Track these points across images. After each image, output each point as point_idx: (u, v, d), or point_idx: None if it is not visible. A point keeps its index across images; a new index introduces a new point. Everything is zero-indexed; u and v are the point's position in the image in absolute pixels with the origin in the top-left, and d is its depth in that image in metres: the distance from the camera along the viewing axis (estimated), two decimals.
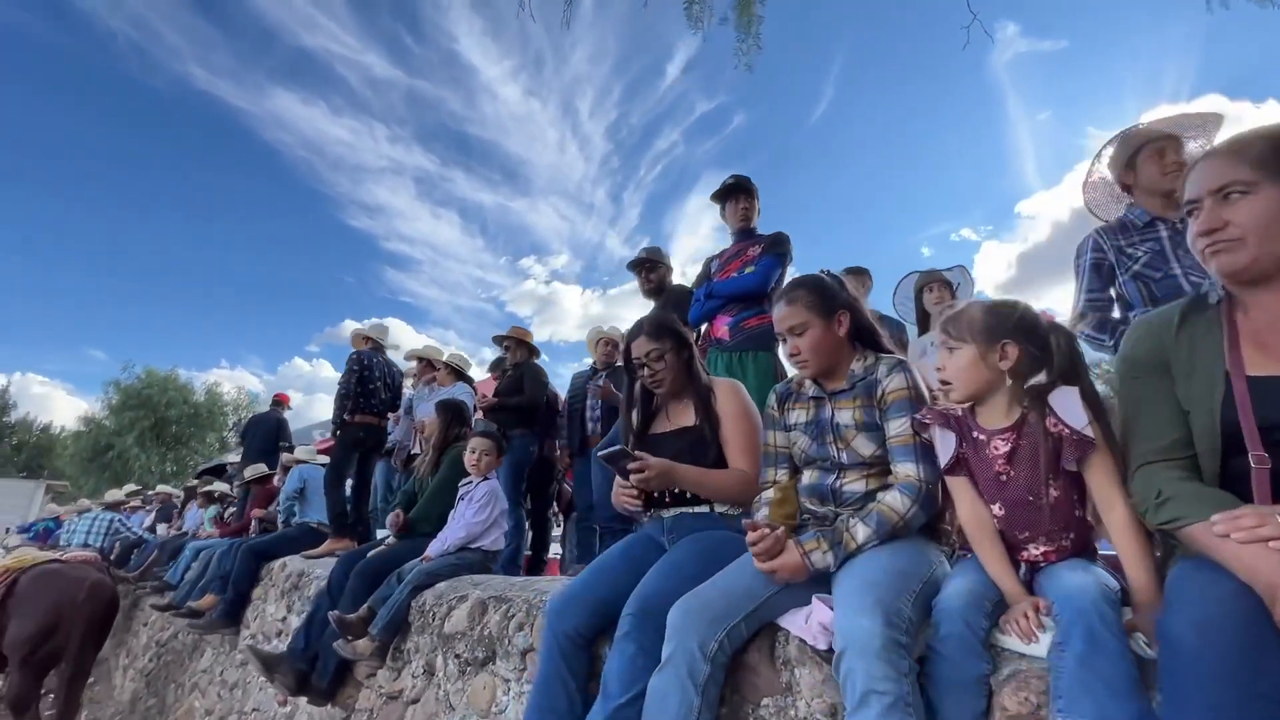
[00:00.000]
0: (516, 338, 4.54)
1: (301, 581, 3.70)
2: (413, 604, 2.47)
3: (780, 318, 1.53)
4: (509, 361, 4.57)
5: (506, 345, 4.59)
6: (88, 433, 23.77)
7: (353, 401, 4.57)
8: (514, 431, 4.13)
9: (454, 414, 3.25)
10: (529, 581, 2.24)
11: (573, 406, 4.46)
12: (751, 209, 2.89)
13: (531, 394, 4.24)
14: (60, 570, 4.79)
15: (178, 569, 6.81)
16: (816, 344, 1.48)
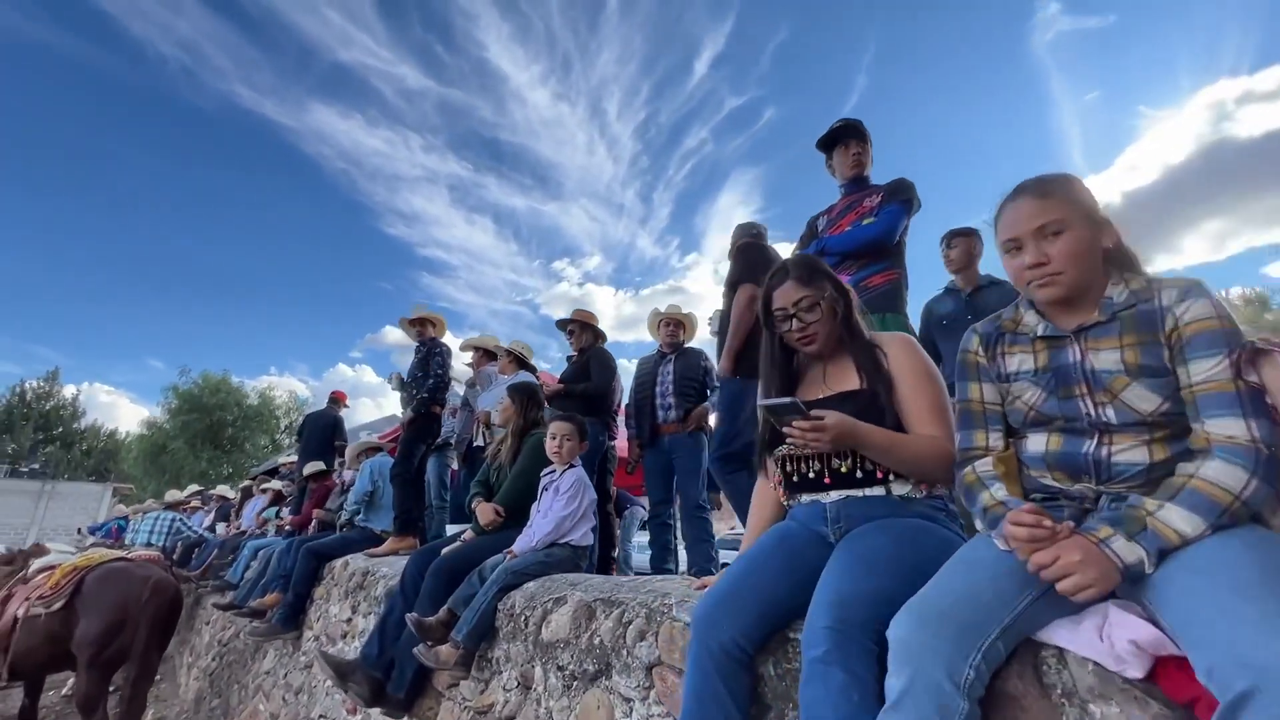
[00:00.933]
0: (581, 321, 4.25)
1: (366, 581, 3.48)
2: (499, 606, 2.19)
3: (1026, 214, 1.13)
4: (574, 346, 4.28)
5: (570, 330, 4.30)
6: (149, 436, 24.76)
7: (430, 394, 4.35)
8: (588, 419, 3.85)
9: (529, 396, 2.97)
10: (640, 581, 1.92)
11: (640, 394, 4.15)
12: (865, 155, 2.52)
13: (599, 379, 3.95)
14: (125, 568, 4.72)
15: (238, 567, 6.79)
16: (1077, 251, 1.09)
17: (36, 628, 4.48)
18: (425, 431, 4.33)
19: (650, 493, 4.05)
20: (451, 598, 2.30)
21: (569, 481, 2.42)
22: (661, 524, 3.99)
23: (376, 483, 4.63)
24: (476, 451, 4.34)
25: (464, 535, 2.65)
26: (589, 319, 4.27)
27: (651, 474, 4.01)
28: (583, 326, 4.26)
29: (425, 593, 2.41)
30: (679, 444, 3.94)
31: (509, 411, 2.86)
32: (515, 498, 2.68)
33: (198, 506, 10.91)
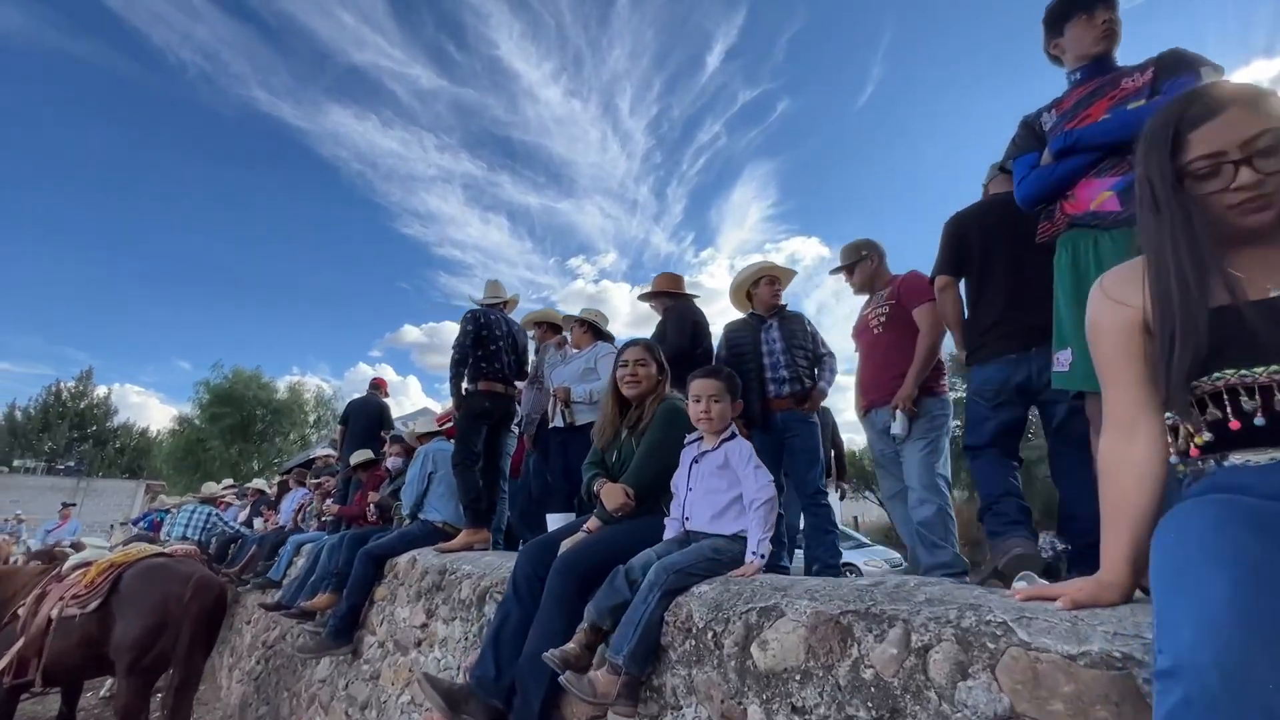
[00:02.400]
0: (656, 290, 3.66)
1: (445, 581, 2.97)
2: (666, 617, 1.64)
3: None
4: (659, 310, 3.71)
5: (653, 306, 3.75)
6: (181, 432, 24.87)
7: (472, 366, 3.83)
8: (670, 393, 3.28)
9: (652, 351, 2.41)
10: (881, 584, 1.35)
11: (739, 367, 3.58)
12: (1116, 25, 1.92)
13: (676, 339, 3.35)
14: (165, 564, 4.29)
15: (280, 565, 6.38)
16: None
17: (71, 630, 4.06)
18: (476, 410, 3.81)
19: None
20: (593, 607, 1.76)
21: (741, 454, 1.86)
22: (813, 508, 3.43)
23: (430, 472, 4.12)
24: (552, 434, 3.80)
25: (587, 525, 2.11)
26: (668, 285, 3.68)
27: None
28: (654, 297, 3.68)
29: (553, 599, 1.87)
30: (794, 422, 3.37)
31: (642, 373, 2.30)
32: (649, 477, 2.13)
33: (230, 502, 10.59)
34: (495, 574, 2.56)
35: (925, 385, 2.82)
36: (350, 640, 3.62)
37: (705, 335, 3.56)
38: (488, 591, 2.51)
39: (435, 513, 4.02)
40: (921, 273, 3.06)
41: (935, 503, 2.58)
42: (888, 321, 3.01)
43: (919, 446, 2.72)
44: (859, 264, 3.27)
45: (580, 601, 1.92)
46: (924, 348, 2.80)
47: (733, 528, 1.81)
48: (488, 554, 3.02)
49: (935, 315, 2.84)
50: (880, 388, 2.97)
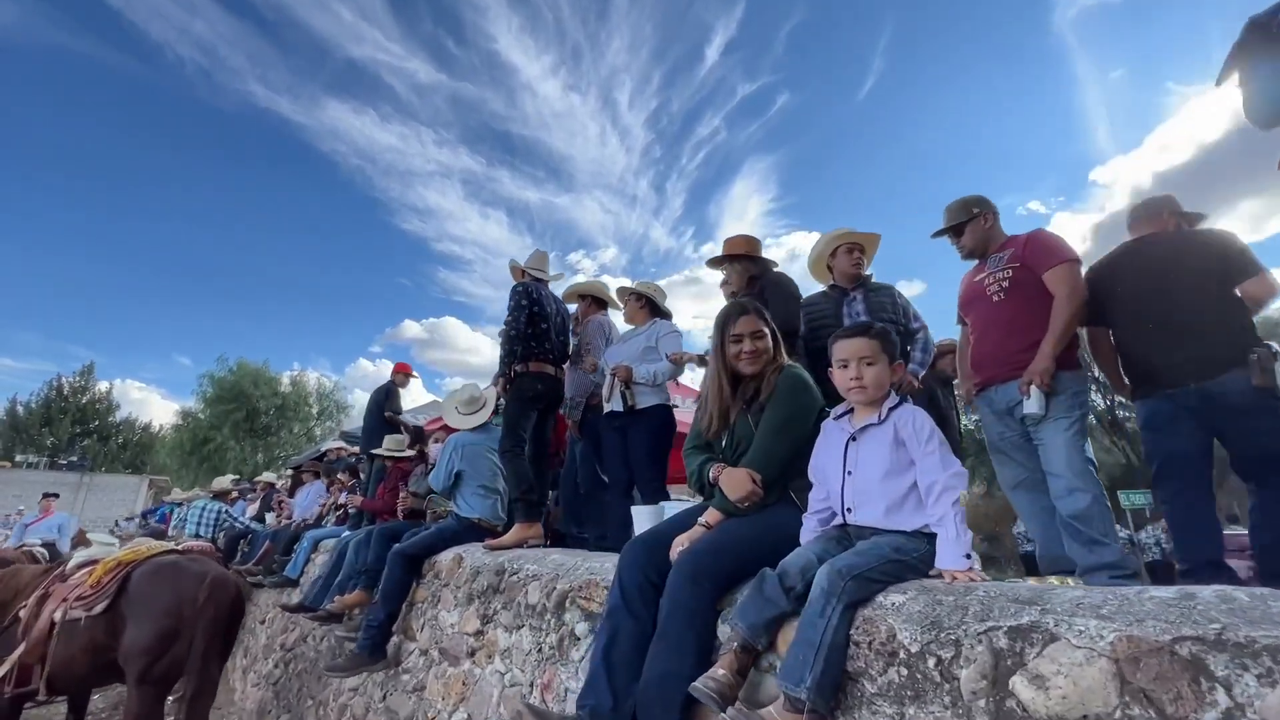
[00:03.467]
0: (733, 254, 3.24)
1: (505, 583, 2.59)
2: (855, 636, 1.27)
3: None
4: (735, 284, 3.30)
5: (722, 267, 3.34)
6: (185, 426, 24.51)
7: (523, 345, 3.45)
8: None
9: (765, 318, 2.02)
10: (1223, 596, 0.97)
11: (823, 343, 3.19)
12: None
13: (785, 312, 2.96)
14: (177, 563, 3.92)
15: (296, 561, 6.02)
16: None
17: (76, 634, 3.70)
18: (527, 393, 3.42)
19: None
20: (741, 621, 1.38)
21: (916, 426, 1.47)
22: None
23: (456, 470, 3.74)
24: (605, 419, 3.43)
25: (704, 518, 1.73)
26: (745, 248, 3.27)
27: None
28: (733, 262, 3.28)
29: (681, 611, 1.49)
30: None
31: (760, 346, 1.92)
32: (780, 459, 1.75)
33: (236, 497, 10.21)
34: (572, 576, 2.19)
35: (1060, 358, 2.43)
36: (386, 654, 3.25)
37: (800, 307, 3.15)
38: (567, 597, 2.14)
39: (469, 509, 3.65)
40: (1049, 230, 2.68)
41: (1089, 491, 2.20)
42: (1011, 287, 2.62)
43: (1062, 426, 2.33)
44: (970, 223, 2.87)
45: (713, 613, 1.54)
46: (1064, 314, 2.41)
47: (913, 521, 1.43)
48: (552, 552, 2.65)
49: (1076, 278, 2.46)
50: (1003, 363, 2.59)
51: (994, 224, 2.81)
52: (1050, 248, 2.54)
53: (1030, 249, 2.60)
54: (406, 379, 6.43)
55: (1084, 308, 2.46)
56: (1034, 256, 2.57)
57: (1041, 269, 2.53)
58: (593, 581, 2.05)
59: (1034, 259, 2.57)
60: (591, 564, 2.18)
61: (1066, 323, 2.41)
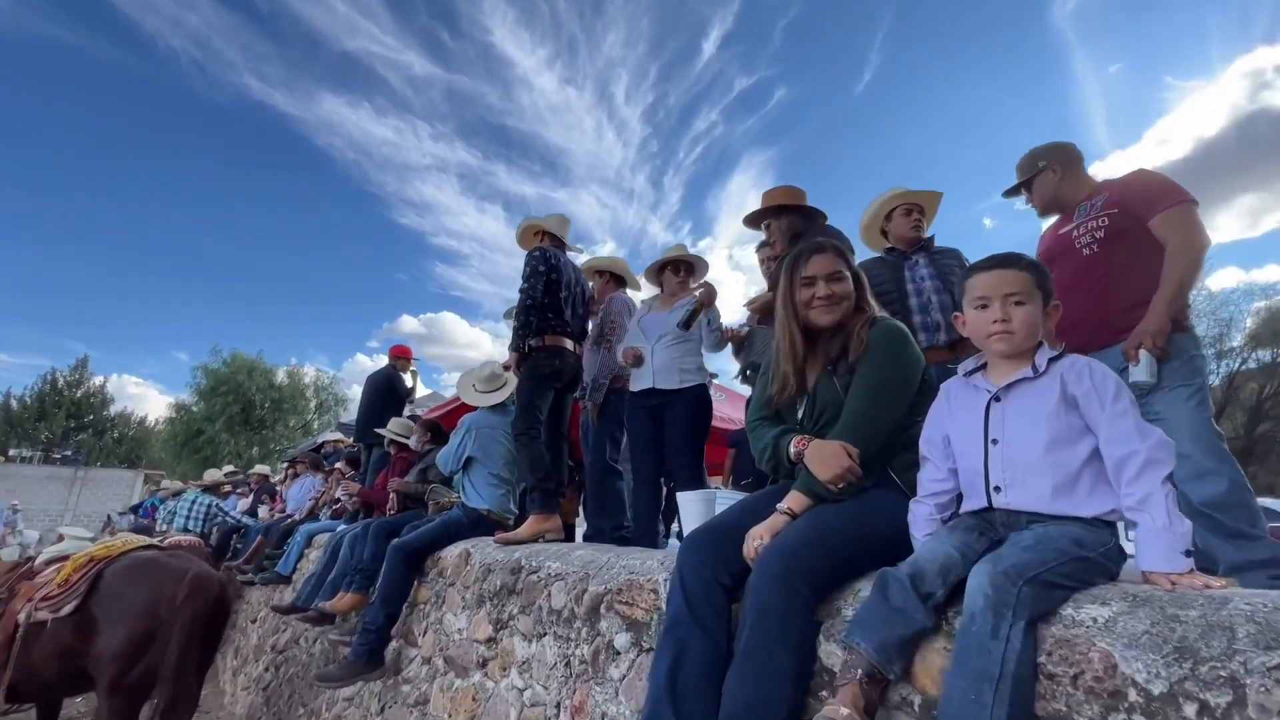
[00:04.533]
0: (775, 205, 2.84)
1: (522, 583, 2.23)
2: (1048, 666, 0.90)
3: None
4: (778, 244, 2.92)
5: (765, 225, 2.96)
6: (179, 419, 24.13)
7: (539, 316, 3.07)
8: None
9: (846, 258, 1.65)
10: None
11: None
12: None
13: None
14: (154, 559, 3.56)
15: (289, 558, 5.66)
16: None
17: (42, 638, 3.34)
18: (544, 370, 3.04)
19: None
20: (864, 640, 1.02)
21: (1105, 384, 1.10)
22: None
23: (465, 444, 3.37)
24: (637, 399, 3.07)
25: (785, 505, 1.36)
26: (788, 197, 2.89)
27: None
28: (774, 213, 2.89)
29: (773, 623, 1.13)
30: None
31: (839, 290, 1.54)
32: (884, 430, 1.38)
33: (229, 490, 9.82)
34: (606, 576, 1.82)
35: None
36: (385, 662, 2.89)
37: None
38: (602, 602, 1.77)
39: (478, 499, 3.29)
40: (1151, 170, 2.31)
41: (1226, 474, 1.84)
42: (1107, 238, 2.25)
43: (1181, 397, 1.97)
44: (1038, 177, 2.52)
45: (811, 624, 1.18)
46: (1181, 265, 2.05)
47: (1091, 505, 1.06)
48: (577, 547, 2.28)
49: (1194, 221, 2.09)
50: (1099, 326, 2.22)
51: (1066, 174, 2.44)
52: (1157, 188, 2.17)
53: (1130, 192, 2.23)
54: (407, 363, 6.04)
55: (1204, 256, 2.10)
56: (1136, 200, 2.20)
57: (1148, 214, 2.16)
58: (634, 583, 1.68)
59: (1136, 203, 2.20)
60: (628, 561, 1.81)
61: (1184, 275, 2.05)
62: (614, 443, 3.34)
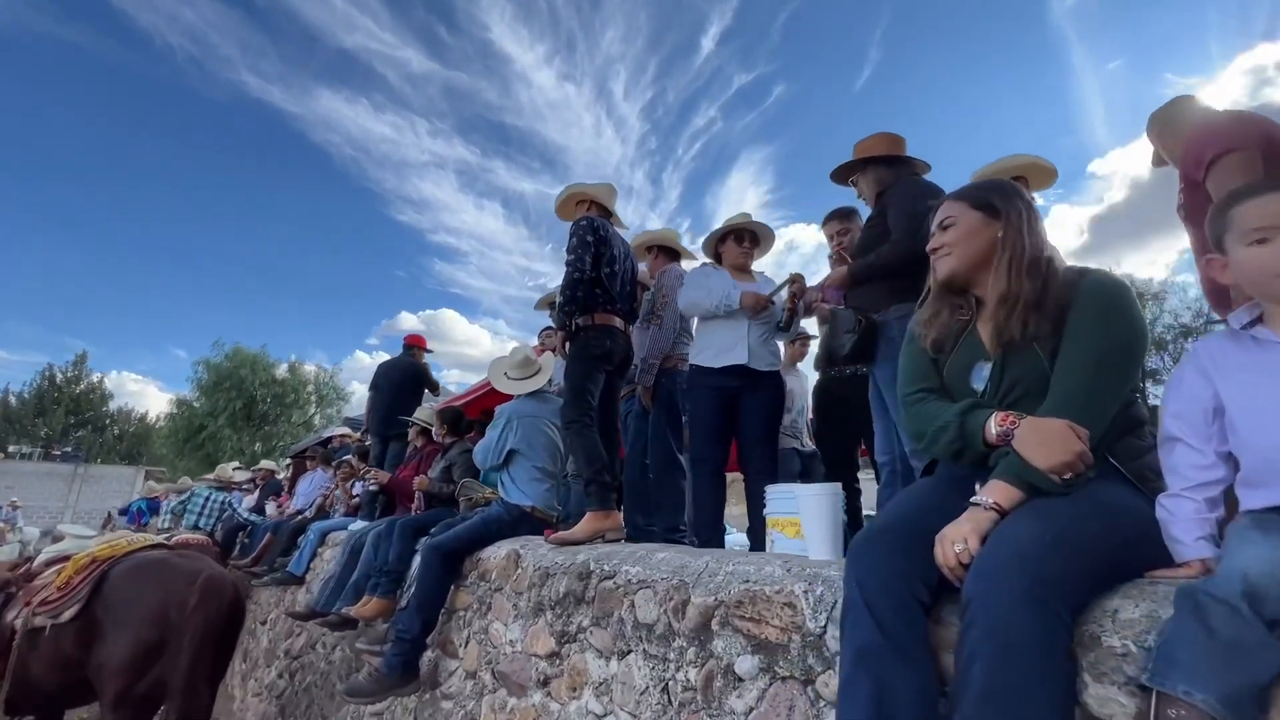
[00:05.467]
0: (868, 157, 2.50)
1: (596, 590, 1.93)
2: None
3: None
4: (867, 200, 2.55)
5: (852, 181, 2.63)
6: (180, 414, 23.83)
7: (587, 291, 2.76)
8: (888, 311, 2.20)
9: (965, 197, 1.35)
10: None
11: None
12: None
13: (904, 232, 2.20)
14: (163, 561, 3.27)
15: (301, 557, 5.36)
16: None
17: (41, 647, 3.05)
18: (595, 350, 2.74)
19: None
20: (1193, 685, 0.72)
21: None
22: None
23: (507, 436, 3.07)
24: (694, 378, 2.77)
25: (986, 497, 1.06)
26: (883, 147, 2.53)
27: None
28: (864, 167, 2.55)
29: (1027, 654, 0.83)
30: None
31: (952, 237, 1.25)
32: (1106, 410, 1.09)
33: (250, 487, 9.51)
34: (713, 584, 1.52)
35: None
36: (420, 674, 2.59)
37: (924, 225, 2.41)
38: (714, 615, 1.47)
39: (521, 495, 2.98)
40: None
41: None
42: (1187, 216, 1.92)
43: None
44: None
45: (1070, 659, 0.88)
46: None
47: None
48: (658, 549, 1.98)
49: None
50: None
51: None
52: (1197, 141, 1.68)
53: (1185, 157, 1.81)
54: (423, 353, 5.76)
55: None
56: (1186, 165, 1.79)
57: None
58: (758, 595, 1.38)
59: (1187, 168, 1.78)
60: (737, 567, 1.52)
61: None
62: (674, 431, 3.05)
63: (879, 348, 2.19)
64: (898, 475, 2.31)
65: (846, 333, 2.23)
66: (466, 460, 3.98)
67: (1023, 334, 1.20)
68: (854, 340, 2.20)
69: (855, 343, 2.19)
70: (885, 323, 2.18)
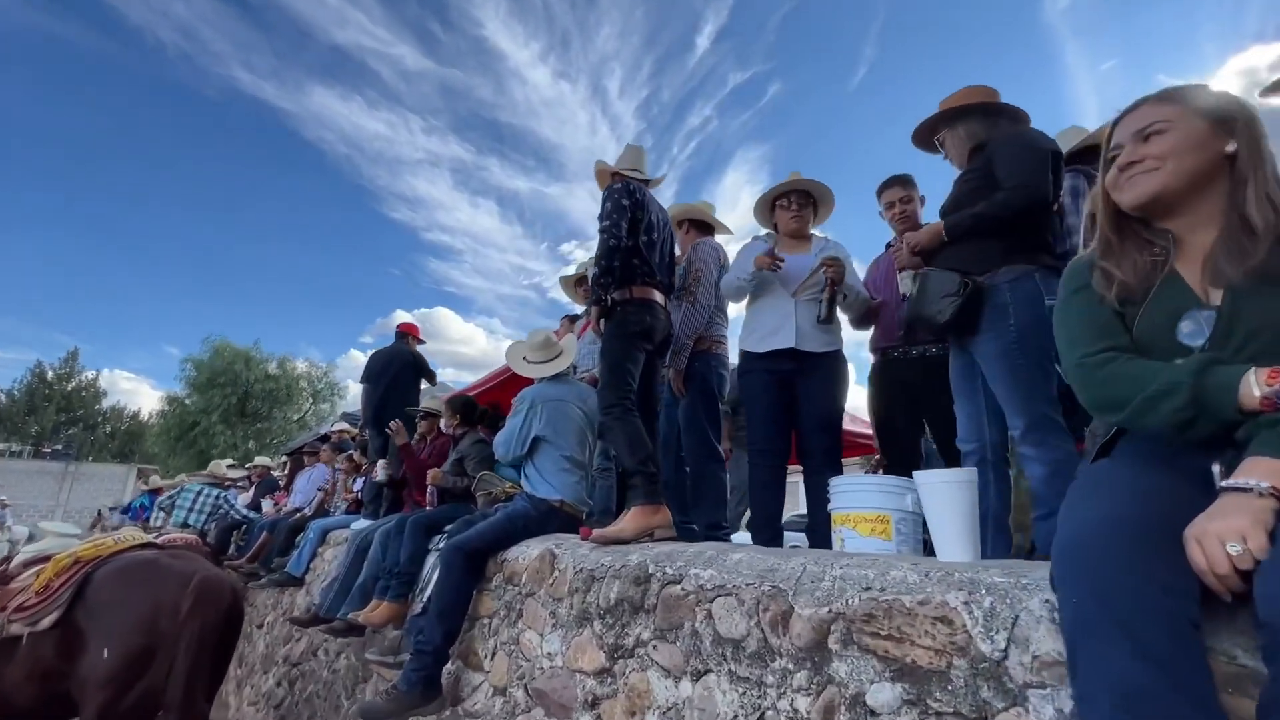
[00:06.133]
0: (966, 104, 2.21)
1: (659, 597, 1.65)
2: None
3: None
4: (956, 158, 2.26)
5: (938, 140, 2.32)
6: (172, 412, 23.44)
7: (623, 260, 2.48)
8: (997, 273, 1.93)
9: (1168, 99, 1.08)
10: None
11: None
12: None
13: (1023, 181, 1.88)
14: (153, 561, 2.98)
15: (301, 557, 5.07)
16: None
17: (17, 657, 2.77)
18: (634, 327, 2.46)
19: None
20: None
21: None
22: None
23: (531, 422, 2.78)
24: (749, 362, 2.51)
25: (1251, 477, 0.79)
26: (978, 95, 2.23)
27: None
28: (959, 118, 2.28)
29: None
30: None
31: (1161, 143, 0.98)
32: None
33: (230, 484, 9.17)
34: (823, 592, 1.25)
35: None
36: (442, 689, 2.31)
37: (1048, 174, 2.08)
38: (830, 630, 1.20)
39: (548, 489, 2.70)
40: None
41: None
42: None
43: None
44: None
45: None
46: None
47: None
48: (733, 549, 1.70)
49: None
50: None
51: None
52: None
53: None
54: (416, 341, 5.48)
55: None
56: None
57: None
58: (894, 606, 1.11)
59: None
60: (850, 570, 1.24)
61: None
62: (711, 420, 2.78)
63: (983, 315, 1.93)
64: (988, 465, 2.05)
65: (946, 297, 1.95)
66: (480, 451, 3.70)
67: (1264, 273, 0.93)
68: (956, 306, 1.92)
69: (958, 309, 1.92)
70: (994, 287, 1.92)
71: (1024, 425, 1.88)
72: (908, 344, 2.67)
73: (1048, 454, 1.84)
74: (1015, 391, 1.89)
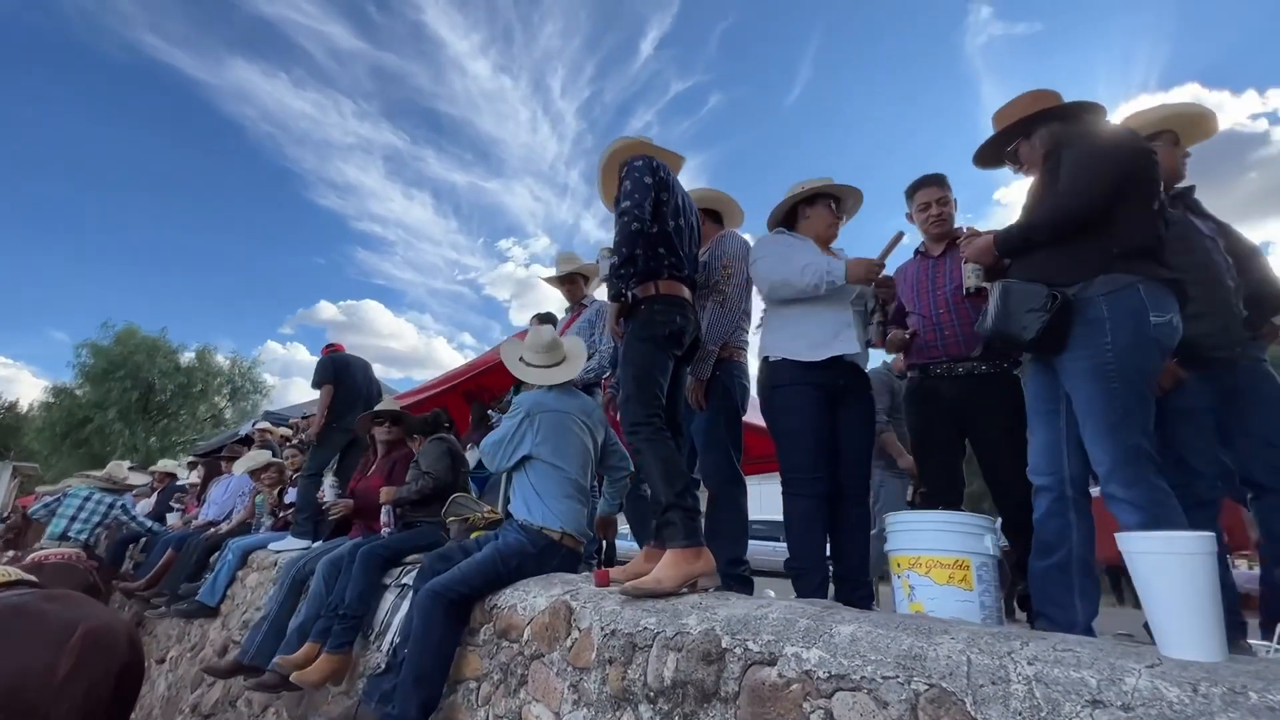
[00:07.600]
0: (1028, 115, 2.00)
1: (741, 684, 1.26)
2: None
3: None
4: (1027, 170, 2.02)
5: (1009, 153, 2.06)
6: (58, 404, 20.71)
7: (649, 250, 2.09)
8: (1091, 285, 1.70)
9: None
10: None
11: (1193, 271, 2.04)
12: None
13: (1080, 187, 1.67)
14: (20, 608, 2.32)
15: (217, 582, 4.34)
16: None
17: None
18: (662, 328, 2.07)
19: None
20: None
21: None
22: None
23: (525, 435, 2.34)
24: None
25: None
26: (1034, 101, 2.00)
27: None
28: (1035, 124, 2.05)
29: None
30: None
31: None
32: None
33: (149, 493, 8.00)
34: (1014, 705, 0.91)
35: None
36: None
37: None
38: None
39: (549, 515, 2.26)
40: None
41: None
42: None
43: None
44: None
45: None
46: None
47: None
48: (837, 616, 1.33)
49: None
50: None
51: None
52: None
53: None
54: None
55: None
56: None
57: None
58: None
59: None
60: (1058, 670, 0.91)
61: None
62: (733, 437, 2.43)
63: (1073, 331, 1.68)
64: (1067, 503, 1.80)
65: (1031, 312, 1.70)
66: (438, 451, 3.20)
67: None
68: (1042, 322, 1.67)
69: (1045, 324, 1.67)
70: (1089, 300, 1.67)
71: (1111, 460, 1.64)
72: (952, 359, 2.43)
73: (1143, 495, 1.60)
74: (1106, 419, 1.65)
